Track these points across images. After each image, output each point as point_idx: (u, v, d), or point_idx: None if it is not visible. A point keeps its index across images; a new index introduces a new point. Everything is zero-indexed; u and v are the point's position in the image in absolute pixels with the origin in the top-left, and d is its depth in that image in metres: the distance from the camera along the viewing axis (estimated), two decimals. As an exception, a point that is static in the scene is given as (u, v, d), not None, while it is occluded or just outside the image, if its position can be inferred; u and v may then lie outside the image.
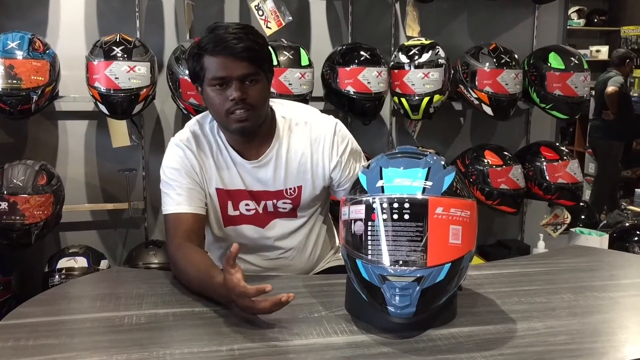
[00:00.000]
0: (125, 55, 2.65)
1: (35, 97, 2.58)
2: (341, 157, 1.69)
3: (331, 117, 1.74)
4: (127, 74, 2.63)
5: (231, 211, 1.71)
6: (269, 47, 1.63)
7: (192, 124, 1.72)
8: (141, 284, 1.57)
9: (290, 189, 1.70)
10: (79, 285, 1.72)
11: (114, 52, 2.65)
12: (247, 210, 1.72)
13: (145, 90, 2.68)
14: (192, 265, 1.50)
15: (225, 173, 1.67)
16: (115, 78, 2.62)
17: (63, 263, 2.73)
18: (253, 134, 1.63)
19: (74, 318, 1.39)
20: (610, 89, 5.43)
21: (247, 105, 1.54)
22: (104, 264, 2.82)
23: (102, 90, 2.63)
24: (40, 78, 2.59)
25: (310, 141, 1.68)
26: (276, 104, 1.72)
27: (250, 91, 1.55)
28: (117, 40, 2.70)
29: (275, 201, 1.71)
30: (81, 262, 2.75)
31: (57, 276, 2.68)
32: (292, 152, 1.68)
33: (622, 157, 5.78)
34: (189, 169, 1.64)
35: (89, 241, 3.02)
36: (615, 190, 5.82)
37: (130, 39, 2.73)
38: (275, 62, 2.64)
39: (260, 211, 1.72)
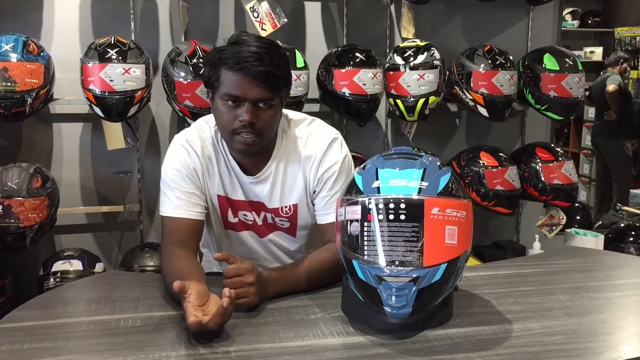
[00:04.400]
0: (120, 58, 2.65)
1: (29, 100, 2.57)
2: (323, 174, 1.63)
3: (331, 132, 1.66)
4: (122, 76, 2.62)
5: (231, 218, 1.69)
6: (289, 70, 1.55)
7: (200, 124, 1.67)
8: (136, 287, 1.57)
9: (285, 207, 1.67)
10: (74, 289, 1.72)
11: (109, 55, 2.64)
12: (246, 219, 1.70)
13: (140, 92, 2.68)
14: (173, 275, 1.45)
15: (227, 181, 1.65)
16: (110, 80, 2.61)
17: (58, 266, 2.72)
18: (255, 153, 1.60)
19: (70, 321, 1.38)
20: (611, 87, 5.45)
21: (255, 130, 1.49)
22: (99, 266, 2.81)
23: (97, 92, 2.63)
24: (34, 80, 2.58)
25: (302, 159, 1.63)
26: (282, 119, 1.64)
27: (261, 115, 1.49)
28: (112, 42, 2.69)
29: (273, 215, 1.69)
30: (76, 265, 2.74)
31: (52, 279, 2.67)
32: (289, 170, 1.64)
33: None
34: (191, 172, 1.61)
35: (84, 244, 3.01)
36: (611, 191, 5.84)
37: (125, 41, 2.73)
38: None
39: (260, 222, 1.70)
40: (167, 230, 1.60)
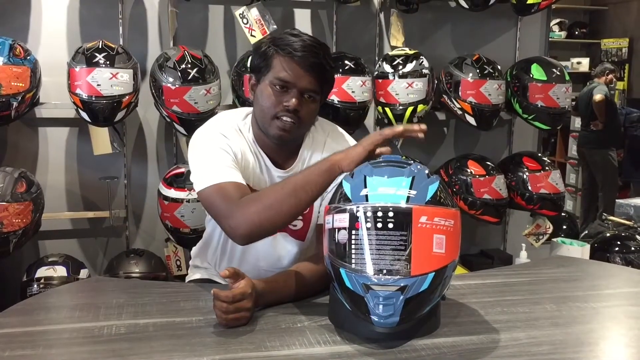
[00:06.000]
0: (108, 62, 2.63)
1: (15, 104, 2.55)
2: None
3: (353, 142, 1.69)
4: (110, 80, 2.61)
5: None
6: (334, 74, 1.64)
7: (230, 116, 1.65)
8: (121, 294, 1.55)
9: None
10: (58, 295, 1.69)
11: (96, 59, 2.62)
12: None
13: (127, 97, 2.66)
14: (272, 186, 1.50)
15: (256, 172, 1.62)
16: (97, 85, 2.60)
17: (42, 272, 2.69)
18: (286, 145, 1.61)
19: (52, 328, 1.36)
20: (597, 97, 5.50)
21: (296, 118, 1.53)
22: (83, 273, 2.78)
23: (84, 97, 2.61)
24: (20, 84, 2.56)
25: (323, 157, 1.63)
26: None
27: (304, 106, 1.54)
28: (100, 46, 2.67)
29: None
30: (60, 271, 2.71)
31: (35, 285, 2.64)
32: None
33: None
34: (236, 150, 1.57)
35: (69, 250, 2.98)
36: (597, 200, 5.88)
37: (113, 46, 2.71)
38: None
39: None
40: (229, 192, 1.46)
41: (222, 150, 1.55)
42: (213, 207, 1.49)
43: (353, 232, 1.24)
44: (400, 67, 2.99)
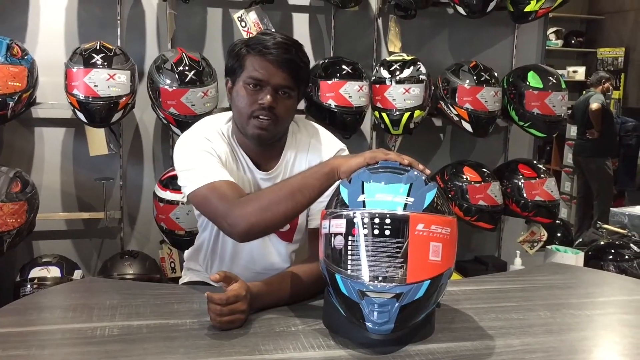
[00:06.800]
0: (105, 63, 2.63)
1: (11, 103, 2.54)
2: None
3: (340, 143, 1.71)
4: (107, 81, 2.60)
5: None
6: (309, 70, 1.64)
7: (208, 122, 1.65)
8: (115, 295, 1.54)
9: None
10: (51, 295, 1.68)
11: (94, 60, 2.62)
12: None
13: (124, 98, 2.66)
14: (271, 187, 1.47)
15: (239, 175, 1.62)
16: (95, 86, 2.59)
17: (35, 272, 2.68)
18: (267, 145, 1.61)
19: (45, 329, 1.36)
20: (594, 105, 5.52)
21: (272, 115, 1.53)
22: (77, 274, 2.77)
23: (81, 97, 2.60)
24: (17, 84, 2.55)
25: (309, 159, 1.65)
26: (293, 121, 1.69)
27: (280, 103, 1.54)
28: (98, 47, 2.67)
29: None
30: (54, 271, 2.70)
31: (28, 286, 2.64)
32: (295, 169, 1.65)
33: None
34: (220, 153, 1.58)
35: (63, 250, 2.97)
36: (591, 208, 5.89)
37: (111, 47, 2.71)
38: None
39: None
40: (224, 191, 1.47)
41: (208, 153, 1.56)
42: (209, 206, 1.50)
43: (349, 238, 1.23)
44: (398, 72, 3.00)
